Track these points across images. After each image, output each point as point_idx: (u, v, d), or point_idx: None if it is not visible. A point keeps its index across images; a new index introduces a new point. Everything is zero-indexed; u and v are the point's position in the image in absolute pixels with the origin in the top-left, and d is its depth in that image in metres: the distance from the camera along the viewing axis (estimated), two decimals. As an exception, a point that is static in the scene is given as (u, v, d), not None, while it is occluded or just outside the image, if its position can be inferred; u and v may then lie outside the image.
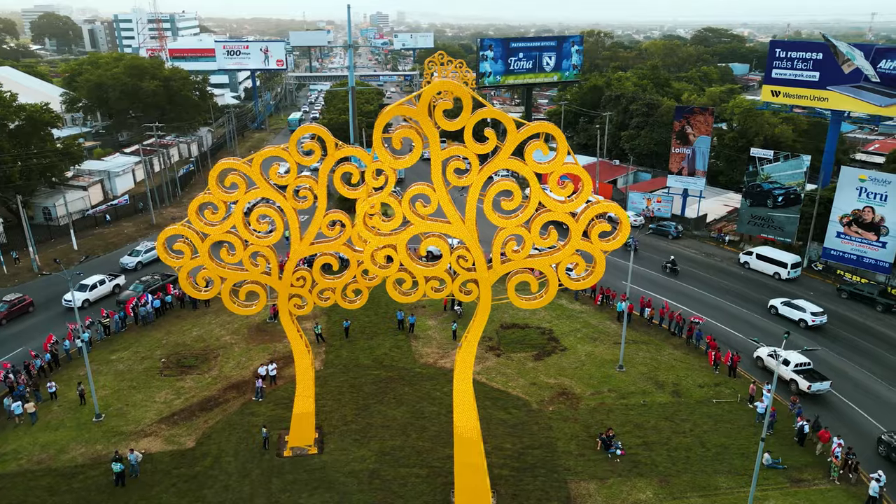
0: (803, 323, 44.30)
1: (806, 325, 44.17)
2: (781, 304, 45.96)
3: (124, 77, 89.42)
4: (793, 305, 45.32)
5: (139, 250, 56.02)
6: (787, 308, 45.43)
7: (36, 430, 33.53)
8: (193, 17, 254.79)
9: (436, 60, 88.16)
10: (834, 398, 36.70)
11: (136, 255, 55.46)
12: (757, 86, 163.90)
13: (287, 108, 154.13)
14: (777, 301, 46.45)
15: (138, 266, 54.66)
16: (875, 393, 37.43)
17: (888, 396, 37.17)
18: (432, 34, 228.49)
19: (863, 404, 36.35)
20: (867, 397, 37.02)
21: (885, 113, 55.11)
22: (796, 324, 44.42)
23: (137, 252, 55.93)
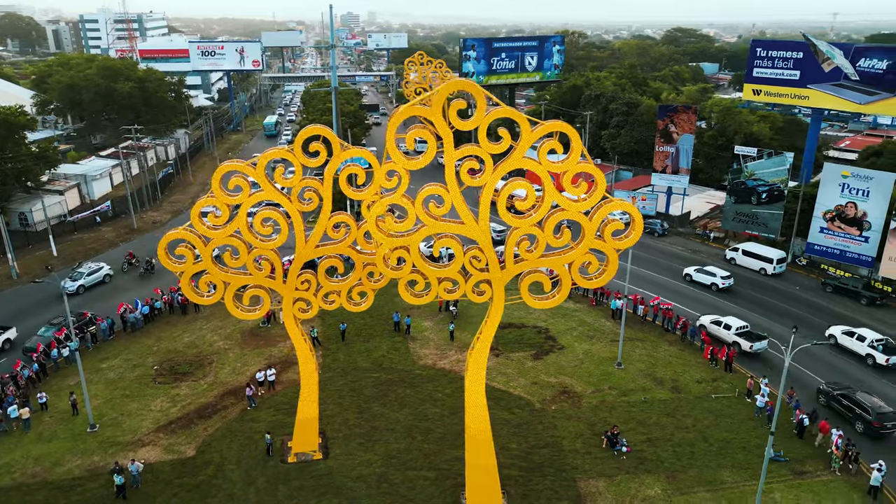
0: (714, 286, 49.97)
1: (717, 288, 49.68)
2: (695, 272, 51.56)
3: (97, 78, 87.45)
4: (705, 272, 50.94)
5: (81, 272, 50.22)
6: (700, 274, 50.97)
7: (28, 442, 32.52)
8: (161, 18, 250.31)
9: (415, 61, 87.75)
10: (774, 357, 39.91)
11: (77, 279, 49.58)
12: (727, 85, 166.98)
13: (262, 110, 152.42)
14: (691, 269, 51.90)
15: (80, 290, 49.18)
16: (811, 352, 39.87)
17: (821, 354, 40.93)
18: (406, 35, 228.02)
19: (801, 361, 38.82)
20: (805, 356, 38.82)
21: (865, 111, 56.44)
22: (709, 287, 50.13)
23: (79, 275, 50.06)
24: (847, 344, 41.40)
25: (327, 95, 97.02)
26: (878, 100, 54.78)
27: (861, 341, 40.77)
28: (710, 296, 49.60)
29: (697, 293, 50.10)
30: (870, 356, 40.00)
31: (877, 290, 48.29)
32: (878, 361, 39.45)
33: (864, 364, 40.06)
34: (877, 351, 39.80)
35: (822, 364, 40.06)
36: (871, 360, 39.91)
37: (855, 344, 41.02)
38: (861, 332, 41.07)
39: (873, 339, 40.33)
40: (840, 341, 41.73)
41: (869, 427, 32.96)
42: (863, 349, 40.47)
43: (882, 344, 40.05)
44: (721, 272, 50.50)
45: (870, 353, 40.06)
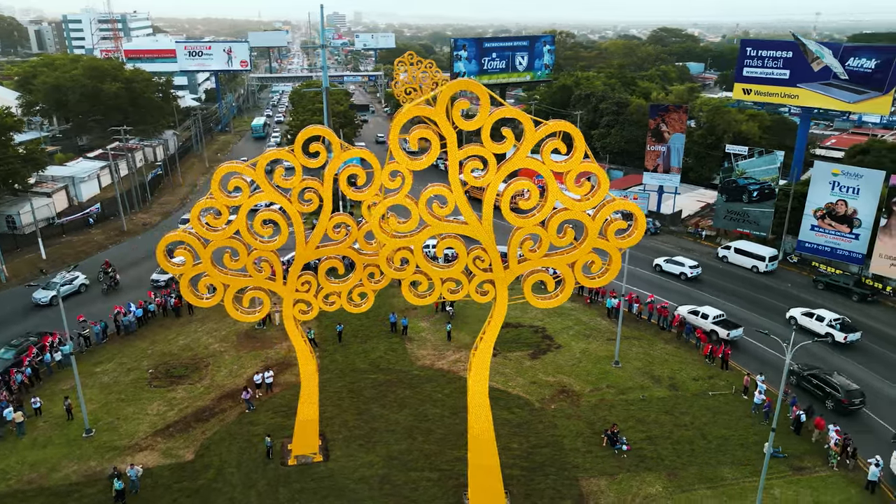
0: (683, 276, 51.90)
1: (686, 277, 51.55)
2: (665, 262, 53.34)
3: (84, 79, 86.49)
4: (674, 262, 52.77)
5: (55, 283, 46.90)
6: (670, 265, 52.70)
7: (23, 448, 32.06)
8: (146, 18, 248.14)
9: (405, 61, 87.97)
10: (748, 343, 42.16)
11: (51, 289, 46.88)
12: (713, 84, 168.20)
13: (250, 110, 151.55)
14: (661, 260, 53.64)
15: (53, 301, 46.19)
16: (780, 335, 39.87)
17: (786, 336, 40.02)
18: (393, 35, 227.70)
19: (772, 345, 40.86)
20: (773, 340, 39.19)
21: (854, 109, 57.03)
22: (678, 277, 52.03)
23: (53, 285, 46.95)
24: (807, 324, 43.45)
25: (316, 96, 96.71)
26: (866, 98, 55.41)
27: (820, 321, 42.92)
28: (680, 285, 51.52)
29: (668, 282, 51.92)
30: (829, 335, 42.13)
31: (867, 286, 48.83)
32: (837, 339, 41.82)
33: (824, 341, 41.93)
34: (835, 330, 42.13)
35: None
36: (830, 338, 42.04)
37: (814, 324, 43.10)
38: (819, 313, 43.30)
39: (831, 318, 42.61)
40: (800, 322, 43.81)
41: (839, 404, 34.98)
42: (822, 328, 42.62)
43: (839, 323, 42.42)
44: (689, 262, 52.53)
45: (829, 332, 42.25)
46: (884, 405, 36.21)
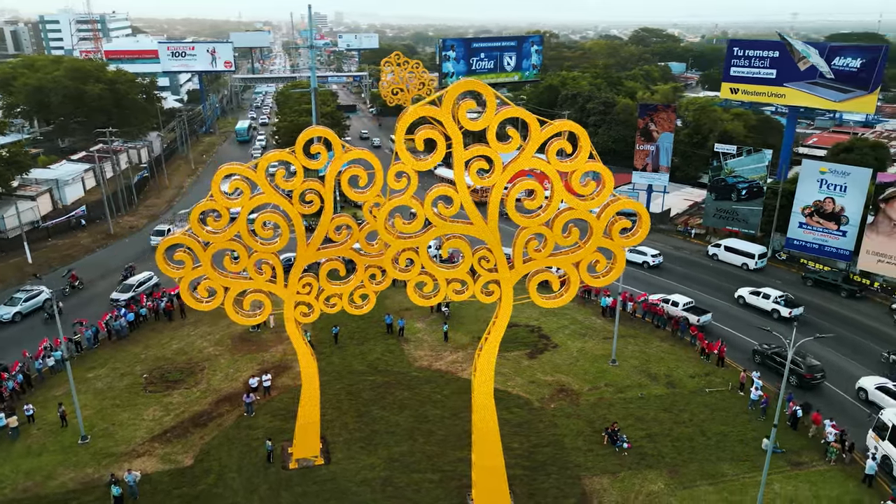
0: (646, 264, 54.04)
1: (648, 266, 53.62)
2: (627, 251, 54.80)
3: (66, 80, 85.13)
4: (635, 251, 54.18)
5: (17, 297, 45.57)
6: (631, 253, 53.83)
7: (16, 456, 31.49)
8: (125, 18, 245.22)
9: (392, 61, 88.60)
10: (716, 328, 44.07)
11: (13, 304, 45.22)
12: (695, 84, 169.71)
13: (234, 111, 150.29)
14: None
15: (16, 318, 44.89)
16: (733, 315, 45.98)
17: (749, 320, 45.28)
18: (376, 35, 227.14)
19: (737, 329, 44.15)
20: (727, 318, 45.28)
21: (840, 108, 57.85)
22: (641, 266, 53.90)
23: (15, 300, 45.48)
24: (755, 302, 46.84)
25: (302, 97, 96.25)
26: (852, 97, 56.23)
27: (766, 298, 46.22)
28: (643, 273, 53.76)
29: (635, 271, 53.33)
30: (775, 311, 45.42)
31: (856, 283, 49.55)
32: (783, 314, 44.96)
33: (771, 318, 45.36)
34: (780, 305, 45.40)
35: (743, 324, 44.86)
36: (776, 314, 45.30)
37: (762, 301, 46.39)
38: (765, 291, 46.66)
39: (776, 295, 45.90)
40: (748, 300, 47.21)
41: (801, 379, 37.09)
42: (768, 305, 45.95)
43: (784, 299, 45.73)
44: (651, 251, 54.93)
45: (775, 308, 45.57)
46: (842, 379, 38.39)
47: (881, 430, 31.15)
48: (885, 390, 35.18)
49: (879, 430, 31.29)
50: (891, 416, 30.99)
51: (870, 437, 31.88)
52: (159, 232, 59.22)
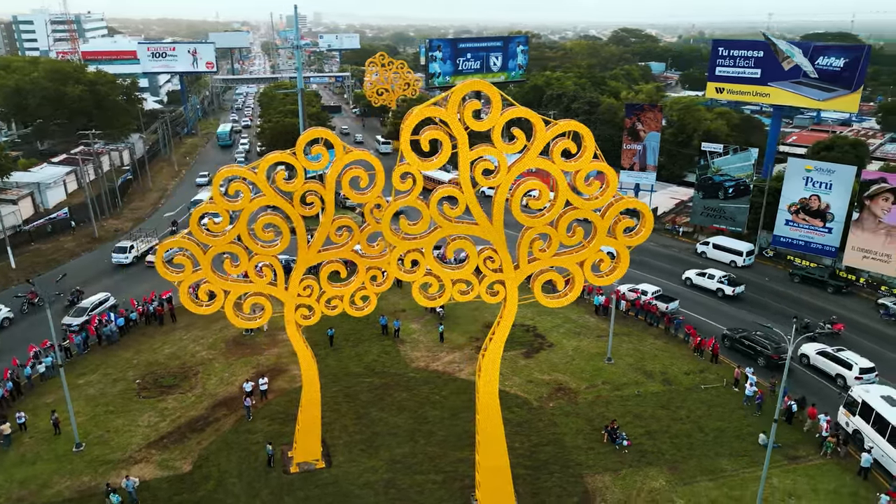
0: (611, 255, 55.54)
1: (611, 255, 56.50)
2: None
3: (45, 82, 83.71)
4: None
5: None
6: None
7: (9, 465, 30.89)
8: (101, 19, 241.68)
9: (376, 61, 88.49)
10: (685, 314, 45.64)
11: None
12: (674, 83, 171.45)
13: (215, 112, 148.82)
14: None
15: None
16: (710, 307, 47.75)
17: (717, 306, 47.93)
18: (357, 35, 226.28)
19: (706, 315, 46.18)
20: (707, 309, 47.15)
21: (824, 107, 58.79)
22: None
23: None
24: (701, 283, 50.28)
25: (286, 97, 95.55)
26: (836, 96, 57.18)
27: (711, 279, 49.80)
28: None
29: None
30: (720, 290, 49.01)
31: (842, 279, 50.36)
32: (727, 293, 48.60)
33: (716, 297, 49.06)
34: (724, 284, 48.92)
35: (700, 306, 47.62)
36: (721, 292, 48.89)
37: (707, 282, 49.99)
38: (710, 272, 50.28)
39: (720, 275, 49.60)
40: (695, 281, 50.49)
41: (769, 360, 38.91)
42: (713, 285, 49.53)
43: (727, 278, 49.33)
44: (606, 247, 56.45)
45: (720, 287, 49.14)
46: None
47: (851, 406, 33.16)
48: (824, 354, 38.96)
49: (850, 406, 33.32)
50: (860, 393, 32.92)
51: (841, 412, 33.76)
52: (121, 249, 55.27)
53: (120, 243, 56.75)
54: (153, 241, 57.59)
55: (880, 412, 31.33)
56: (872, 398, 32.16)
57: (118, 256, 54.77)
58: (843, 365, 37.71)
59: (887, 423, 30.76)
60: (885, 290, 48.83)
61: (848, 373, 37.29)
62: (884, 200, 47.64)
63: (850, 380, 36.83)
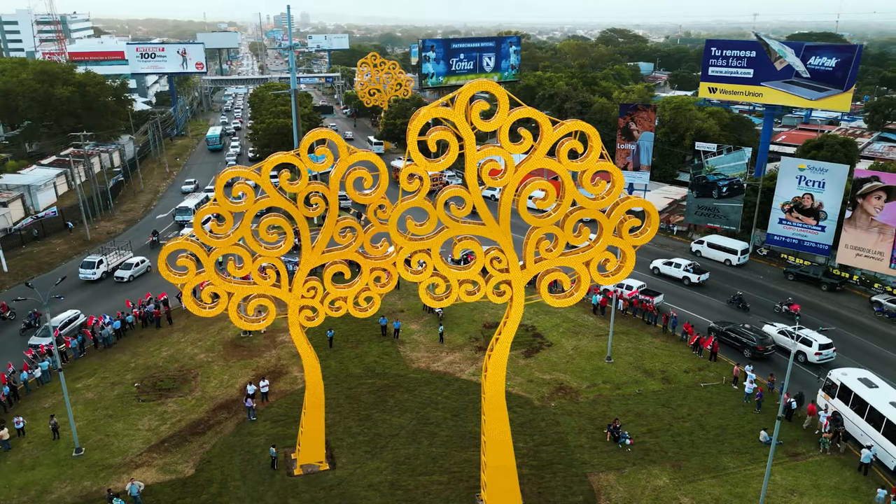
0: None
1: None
2: None
3: (34, 83, 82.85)
4: None
5: None
6: None
7: (8, 471, 30.53)
8: (86, 19, 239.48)
9: (368, 62, 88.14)
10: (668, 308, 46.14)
11: None
12: (663, 83, 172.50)
13: (204, 113, 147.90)
14: None
15: None
16: (694, 300, 48.94)
17: (699, 299, 49.26)
18: (346, 36, 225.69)
19: (690, 308, 47.17)
20: (694, 304, 48.20)
21: (816, 106, 59.33)
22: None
23: None
24: (668, 272, 52.50)
25: (276, 98, 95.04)
26: (827, 95, 57.76)
27: (678, 267, 52.04)
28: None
29: None
30: (686, 278, 51.27)
31: (836, 276, 50.84)
32: (693, 281, 50.93)
33: (682, 284, 51.23)
34: (690, 273, 51.22)
35: (698, 305, 48.13)
36: (687, 280, 51.12)
37: (674, 270, 52.26)
38: (676, 261, 52.67)
39: (685, 264, 51.86)
40: (662, 270, 52.82)
41: (755, 351, 39.95)
42: (680, 273, 51.70)
43: (692, 266, 51.56)
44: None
45: (686, 276, 51.36)
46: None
47: (830, 389, 34.62)
48: (785, 333, 40.97)
49: (828, 389, 34.79)
50: (838, 376, 34.39)
51: (820, 395, 35.14)
52: (89, 264, 52.15)
53: (88, 257, 53.61)
54: (127, 254, 55.46)
55: (858, 394, 32.92)
56: (850, 381, 33.75)
57: (85, 272, 51.73)
58: (803, 342, 39.71)
59: (865, 403, 32.28)
60: (879, 288, 49.36)
61: (808, 349, 39.63)
62: (876, 199, 48.14)
63: (811, 356, 39.46)
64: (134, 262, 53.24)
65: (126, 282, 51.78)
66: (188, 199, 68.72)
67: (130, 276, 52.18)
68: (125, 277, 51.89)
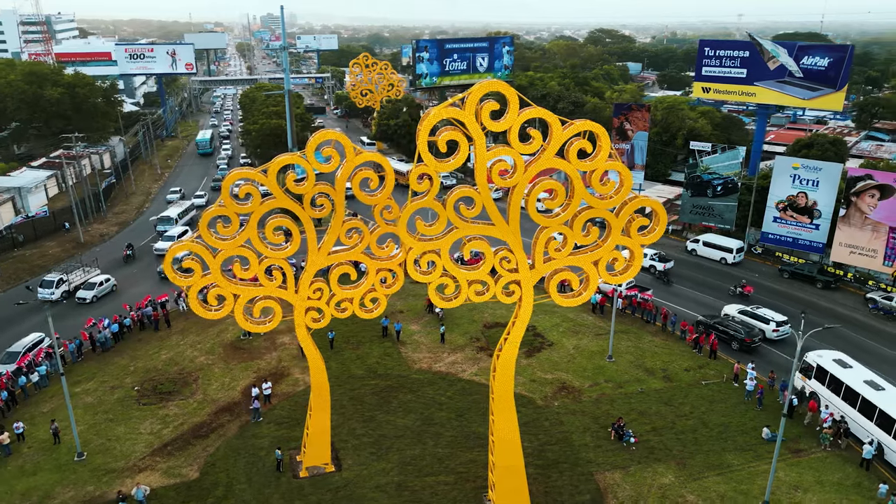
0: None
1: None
2: None
3: (22, 85, 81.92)
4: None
5: None
6: None
7: (9, 477, 30.18)
8: (71, 20, 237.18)
9: (360, 62, 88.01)
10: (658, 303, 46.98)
11: None
12: (652, 83, 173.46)
13: (193, 114, 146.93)
14: None
15: None
16: (684, 295, 49.91)
17: (686, 293, 50.33)
18: (335, 36, 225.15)
19: (678, 303, 47.89)
20: (680, 298, 49.30)
21: (809, 105, 59.94)
22: None
23: None
24: None
25: (267, 99, 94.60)
26: (820, 95, 58.36)
27: (644, 257, 51.20)
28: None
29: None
30: (652, 267, 52.36)
31: (830, 274, 51.35)
32: (659, 269, 52.17)
33: (650, 274, 52.38)
34: (655, 261, 52.47)
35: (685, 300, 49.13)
36: (654, 270, 52.21)
37: None
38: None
39: (651, 253, 52.86)
40: None
41: (742, 343, 40.97)
42: (646, 262, 52.55)
43: (658, 255, 52.97)
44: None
45: (651, 265, 52.48)
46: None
47: (807, 371, 36.09)
48: (744, 312, 43.68)
49: (805, 371, 36.24)
50: (814, 358, 36.01)
51: (797, 377, 36.26)
52: (48, 283, 48.22)
53: (48, 276, 49.65)
54: (93, 272, 51.56)
55: (834, 374, 34.31)
56: (826, 362, 35.31)
57: (44, 292, 47.64)
58: (761, 320, 42.65)
59: (841, 382, 33.86)
60: (873, 285, 49.91)
61: (766, 327, 42.43)
62: (870, 197, 48.68)
63: (769, 332, 42.25)
64: (97, 282, 48.90)
65: (88, 303, 47.58)
66: (171, 208, 65.86)
67: (94, 296, 47.93)
68: (87, 298, 47.62)
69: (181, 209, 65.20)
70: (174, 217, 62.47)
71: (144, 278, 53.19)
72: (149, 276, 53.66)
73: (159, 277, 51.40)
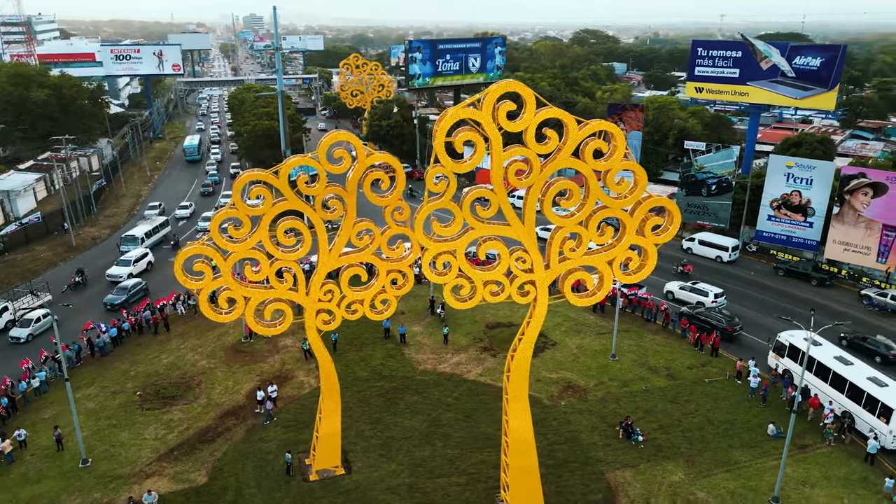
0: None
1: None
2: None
3: (7, 86, 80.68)
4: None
5: None
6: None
7: (12, 485, 29.69)
8: (52, 21, 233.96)
9: (350, 63, 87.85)
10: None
11: None
12: (637, 83, 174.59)
13: (179, 116, 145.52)
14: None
15: None
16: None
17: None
18: (321, 37, 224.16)
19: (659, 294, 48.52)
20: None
21: (801, 105, 60.60)
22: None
23: None
24: None
25: (257, 100, 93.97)
26: (812, 94, 59.07)
27: None
28: None
29: None
30: None
31: (825, 271, 51.97)
32: None
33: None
34: None
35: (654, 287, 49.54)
36: None
37: None
38: None
39: None
40: None
41: (724, 333, 41.94)
42: None
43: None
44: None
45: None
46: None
47: (780, 350, 38.03)
48: (684, 288, 47.59)
49: (778, 350, 38.18)
50: (787, 337, 37.89)
51: (771, 356, 38.55)
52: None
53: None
54: (45, 296, 47.22)
55: (805, 351, 34.59)
56: (797, 341, 36.99)
57: None
58: (700, 294, 46.58)
59: (813, 359, 35.42)
60: (867, 282, 50.58)
61: (705, 299, 46.10)
62: (863, 195, 49.34)
63: (707, 303, 45.64)
64: (34, 318, 43.19)
65: (24, 343, 42.12)
66: (139, 226, 59.50)
67: (29, 335, 42.40)
68: (22, 338, 42.16)
69: (150, 227, 59.15)
70: (139, 237, 56.79)
71: (89, 308, 47.06)
72: (92, 305, 47.35)
73: (105, 309, 46.41)
